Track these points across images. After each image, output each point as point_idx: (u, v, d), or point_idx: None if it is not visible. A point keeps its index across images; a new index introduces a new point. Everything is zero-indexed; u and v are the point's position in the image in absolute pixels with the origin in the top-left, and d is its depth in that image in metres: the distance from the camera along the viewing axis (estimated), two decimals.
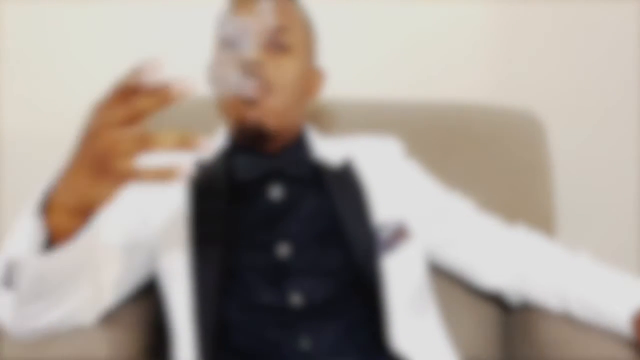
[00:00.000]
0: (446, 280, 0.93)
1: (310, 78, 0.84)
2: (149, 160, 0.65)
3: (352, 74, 1.20)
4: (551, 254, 0.83)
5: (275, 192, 0.79)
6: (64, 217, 0.55)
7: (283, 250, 0.74)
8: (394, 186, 0.84)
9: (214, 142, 0.86)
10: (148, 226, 0.77)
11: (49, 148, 1.25)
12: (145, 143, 0.48)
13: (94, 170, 0.51)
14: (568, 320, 0.79)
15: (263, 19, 0.73)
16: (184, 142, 0.49)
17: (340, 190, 0.80)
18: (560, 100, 1.27)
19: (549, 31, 1.27)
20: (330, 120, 1.05)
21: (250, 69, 0.72)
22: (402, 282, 0.77)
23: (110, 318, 0.73)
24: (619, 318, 0.72)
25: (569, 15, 1.26)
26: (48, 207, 0.55)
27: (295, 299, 0.72)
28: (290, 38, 0.78)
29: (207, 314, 0.71)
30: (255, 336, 0.71)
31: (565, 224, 1.15)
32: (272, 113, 0.76)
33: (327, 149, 0.85)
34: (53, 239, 0.56)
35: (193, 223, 0.76)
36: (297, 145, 0.84)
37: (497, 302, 0.93)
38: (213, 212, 0.76)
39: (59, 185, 0.55)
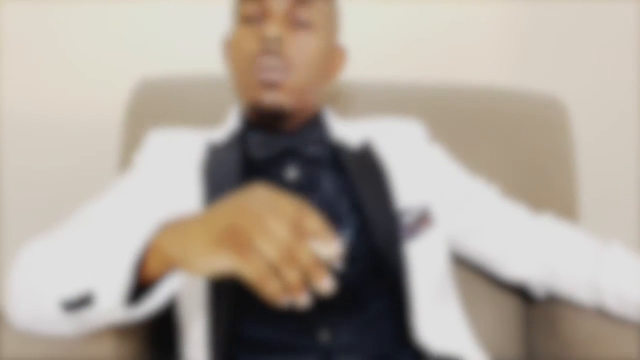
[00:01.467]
0: (466, 270, 0.88)
1: (331, 57, 0.80)
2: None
3: (374, 56, 1.17)
4: (582, 244, 0.78)
5: (292, 172, 0.74)
6: (159, 264, 0.53)
7: None
8: (416, 170, 0.79)
9: (227, 124, 0.82)
10: (159, 217, 0.72)
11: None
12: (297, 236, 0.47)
13: (222, 241, 0.48)
14: (601, 315, 0.75)
15: None
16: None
17: (359, 172, 0.75)
18: (584, 86, 1.24)
19: (573, 18, 1.23)
20: (350, 102, 1.01)
21: (271, 45, 0.70)
22: (426, 270, 0.72)
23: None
24: None
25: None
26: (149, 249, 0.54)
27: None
28: (312, 14, 0.74)
29: (221, 305, 0.66)
30: (271, 328, 0.67)
31: (588, 212, 1.11)
32: (290, 91, 0.73)
33: (346, 131, 0.81)
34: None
35: (205, 202, 0.71)
36: (315, 125, 0.79)
37: (519, 293, 0.89)
38: (227, 196, 0.71)
39: (169, 235, 0.53)
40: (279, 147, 0.75)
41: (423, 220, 0.74)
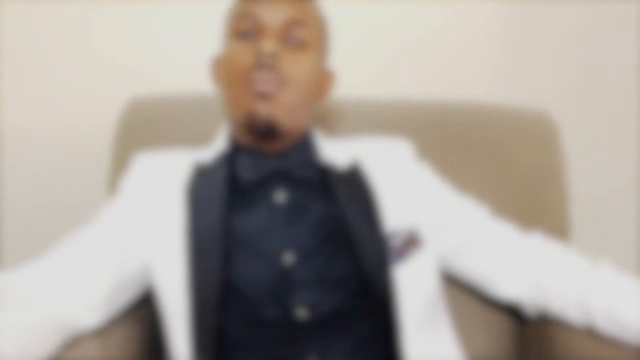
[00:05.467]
0: (457, 290, 0.88)
1: (322, 78, 0.80)
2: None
3: (362, 73, 1.18)
4: (572, 263, 0.78)
5: (280, 195, 0.74)
6: None
7: (287, 258, 0.69)
8: (405, 190, 0.79)
9: (214, 145, 0.81)
10: (143, 243, 0.73)
11: (49, 148, 1.29)
12: None
13: None
14: (590, 334, 0.75)
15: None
16: None
17: (348, 194, 0.75)
18: (573, 100, 1.24)
19: (561, 30, 1.24)
20: (339, 119, 1.01)
21: (266, 60, 0.70)
22: (415, 293, 0.72)
23: (104, 333, 0.69)
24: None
25: (581, 15, 1.23)
26: None
27: (301, 313, 0.67)
28: (306, 34, 0.75)
29: (205, 331, 0.66)
30: (258, 354, 0.66)
31: (579, 228, 1.11)
32: (283, 107, 0.73)
33: (334, 151, 0.81)
34: None
35: (191, 233, 0.71)
36: (303, 147, 0.79)
37: (511, 313, 0.89)
38: (212, 219, 0.71)
39: None
40: (267, 168, 0.75)
41: (411, 242, 0.74)
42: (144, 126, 1.00)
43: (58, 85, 1.27)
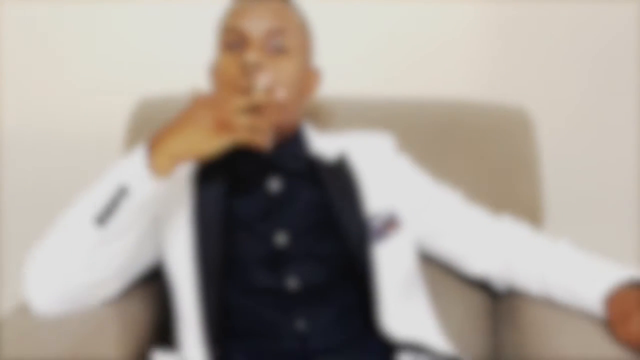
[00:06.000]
0: (437, 269, 0.98)
1: (307, 78, 0.89)
2: None
3: (346, 72, 1.24)
4: (533, 242, 0.88)
5: (274, 184, 0.84)
6: (166, 159, 0.71)
7: (281, 238, 0.80)
8: (386, 179, 0.89)
9: None
10: (156, 222, 0.82)
11: (49, 147, 1.34)
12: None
13: (208, 128, 0.70)
14: (548, 304, 0.84)
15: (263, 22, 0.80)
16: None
17: (334, 183, 0.85)
18: (552, 97, 1.32)
19: (542, 29, 1.31)
20: (328, 116, 1.10)
21: (251, 70, 0.78)
22: (392, 269, 0.82)
23: (120, 300, 0.79)
24: (592, 300, 0.77)
25: (561, 14, 1.30)
26: (152, 149, 0.71)
27: (292, 283, 0.77)
28: (288, 41, 0.83)
29: (210, 298, 0.76)
30: (254, 318, 0.77)
31: (554, 216, 1.20)
32: (273, 111, 0.80)
33: (323, 145, 0.90)
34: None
35: (197, 213, 0.81)
36: (295, 141, 0.89)
37: (485, 290, 0.98)
38: (214, 203, 0.81)
39: (166, 135, 0.71)
40: (263, 162, 0.85)
41: (390, 224, 0.84)
42: (154, 126, 1.08)
43: (69, 86, 1.30)
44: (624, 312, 0.72)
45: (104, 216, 0.70)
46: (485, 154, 1.07)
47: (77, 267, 0.72)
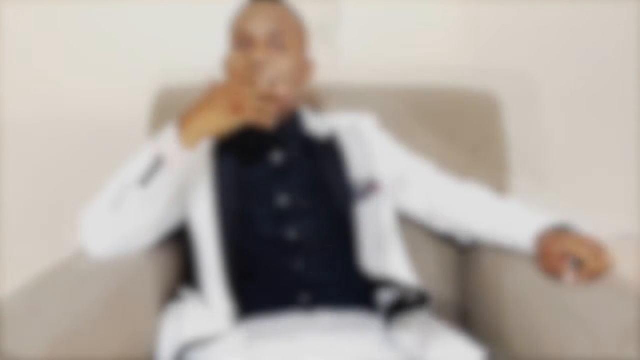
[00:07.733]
0: (413, 227, 1.17)
1: (304, 68, 1.08)
2: None
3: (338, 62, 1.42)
4: (487, 201, 1.07)
5: (277, 157, 1.03)
6: (192, 135, 0.88)
7: (282, 199, 0.99)
8: (368, 151, 1.08)
9: None
10: (184, 184, 0.99)
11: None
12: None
13: (224, 110, 0.86)
14: (507, 253, 1.01)
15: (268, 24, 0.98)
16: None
17: (325, 155, 1.05)
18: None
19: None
20: (323, 101, 1.29)
21: (257, 66, 0.96)
22: (372, 223, 1.01)
23: (154, 250, 0.99)
24: (523, 240, 0.96)
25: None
26: (181, 127, 0.88)
27: (292, 234, 0.97)
28: (286, 39, 1.01)
29: (228, 245, 0.95)
30: (262, 261, 0.96)
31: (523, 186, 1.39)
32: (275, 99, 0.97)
33: (317, 124, 1.10)
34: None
35: (216, 180, 0.99)
36: (293, 122, 1.08)
37: (455, 245, 1.17)
38: (230, 171, 1.00)
39: (191, 116, 0.88)
40: (267, 138, 1.04)
41: (371, 187, 1.03)
42: (174, 114, 1.20)
43: (91, 76, 1.38)
44: (545, 250, 0.91)
45: (146, 179, 0.89)
46: (456, 132, 1.26)
47: (124, 219, 0.91)
